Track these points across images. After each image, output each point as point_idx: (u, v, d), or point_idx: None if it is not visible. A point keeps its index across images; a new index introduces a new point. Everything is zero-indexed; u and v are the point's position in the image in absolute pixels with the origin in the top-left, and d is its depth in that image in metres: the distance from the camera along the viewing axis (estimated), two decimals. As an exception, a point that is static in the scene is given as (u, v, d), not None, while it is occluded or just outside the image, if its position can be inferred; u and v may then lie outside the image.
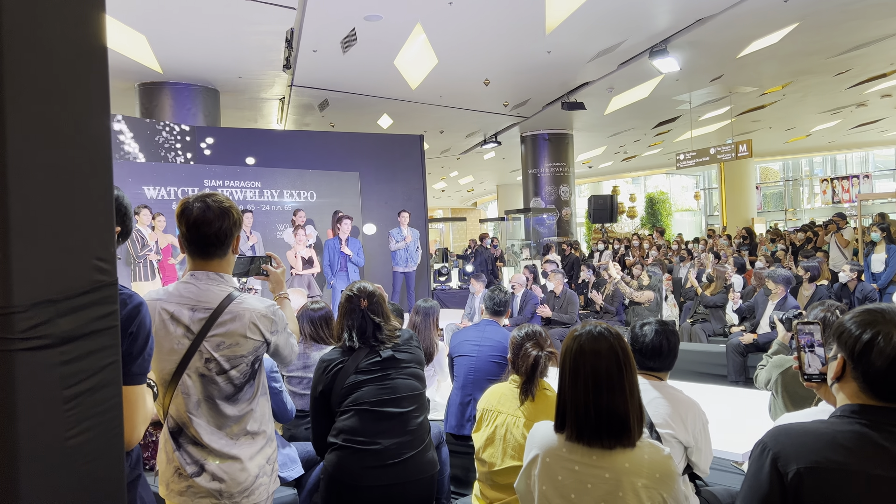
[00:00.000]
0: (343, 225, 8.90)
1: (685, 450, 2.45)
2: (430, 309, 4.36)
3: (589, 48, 9.25)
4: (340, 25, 7.93)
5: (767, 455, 1.38)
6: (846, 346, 1.39)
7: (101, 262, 1.09)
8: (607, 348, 1.82)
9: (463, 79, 10.59)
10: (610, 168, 25.20)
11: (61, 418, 1.02)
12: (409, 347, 2.68)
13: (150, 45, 8.25)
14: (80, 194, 1.07)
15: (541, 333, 2.74)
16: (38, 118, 1.01)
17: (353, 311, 2.62)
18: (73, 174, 1.06)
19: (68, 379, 1.02)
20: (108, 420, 1.08)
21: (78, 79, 1.07)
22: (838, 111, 15.58)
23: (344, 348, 2.62)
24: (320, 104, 11.69)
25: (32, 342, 0.97)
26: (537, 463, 1.88)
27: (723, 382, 6.11)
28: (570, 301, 7.63)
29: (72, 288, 1.04)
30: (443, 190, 29.36)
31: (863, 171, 24.34)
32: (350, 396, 2.53)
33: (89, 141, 1.10)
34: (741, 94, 12.97)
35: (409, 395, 2.59)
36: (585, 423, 1.79)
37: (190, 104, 10.15)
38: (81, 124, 1.08)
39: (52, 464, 1.00)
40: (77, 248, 1.06)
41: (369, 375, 2.55)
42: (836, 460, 1.31)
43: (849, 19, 8.55)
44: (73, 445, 1.03)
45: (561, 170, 15.75)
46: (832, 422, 1.39)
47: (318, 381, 2.62)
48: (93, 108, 1.11)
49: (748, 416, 4.04)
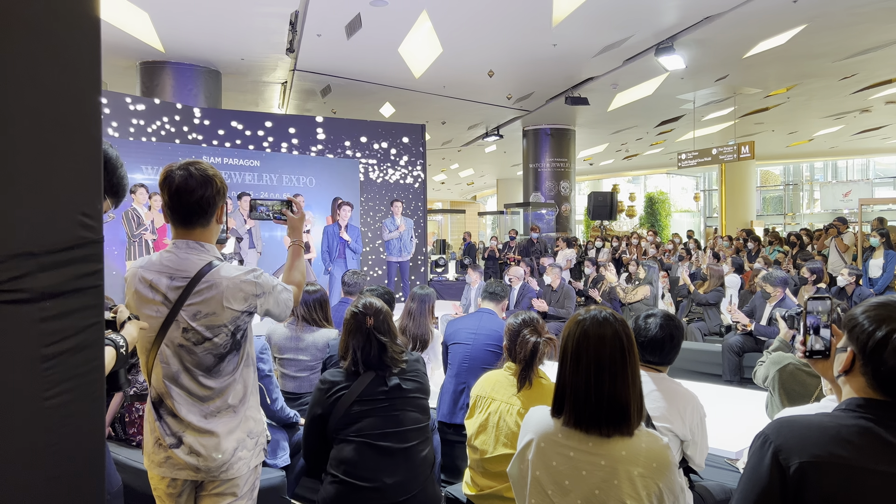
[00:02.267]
0: (342, 211, 8.85)
1: (681, 444, 2.41)
2: (426, 296, 4.32)
3: (595, 42, 9.20)
4: (346, 10, 7.86)
5: (769, 448, 1.34)
6: (857, 341, 1.35)
7: (87, 219, 1.05)
8: (612, 334, 1.77)
9: (467, 69, 10.53)
10: (611, 166, 25.16)
11: (39, 377, 0.97)
12: (415, 374, 2.54)
13: (152, 22, 8.17)
14: (67, 147, 1.02)
15: (538, 320, 2.70)
16: (23, 67, 0.97)
17: (358, 330, 2.47)
18: (60, 127, 1.02)
19: (48, 337, 0.98)
20: (88, 382, 1.04)
21: (68, 32, 1.03)
22: (842, 116, 15.55)
23: (348, 372, 2.48)
24: (322, 90, 11.62)
25: (10, 295, 0.93)
26: (531, 448, 1.84)
27: (718, 381, 6.09)
28: (566, 295, 7.59)
29: (54, 242, 0.99)
30: (443, 182, 29.29)
31: (863, 178, 24.35)
32: (352, 426, 2.40)
33: (78, 94, 1.06)
34: (745, 96, 12.92)
35: (413, 429, 2.47)
36: (584, 409, 1.75)
37: (191, 85, 10.08)
38: (70, 77, 1.04)
39: (28, 423, 0.96)
40: (62, 201, 1.01)
41: (373, 406, 2.41)
42: (840, 455, 1.27)
43: (858, 22, 8.50)
44: (51, 406, 0.99)
45: (562, 165, 15.70)
46: (836, 415, 1.35)
47: (317, 402, 2.47)
48: (82, 63, 1.07)
49: (742, 414, 4.02)
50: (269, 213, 2.27)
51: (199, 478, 1.93)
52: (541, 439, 1.83)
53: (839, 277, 7.26)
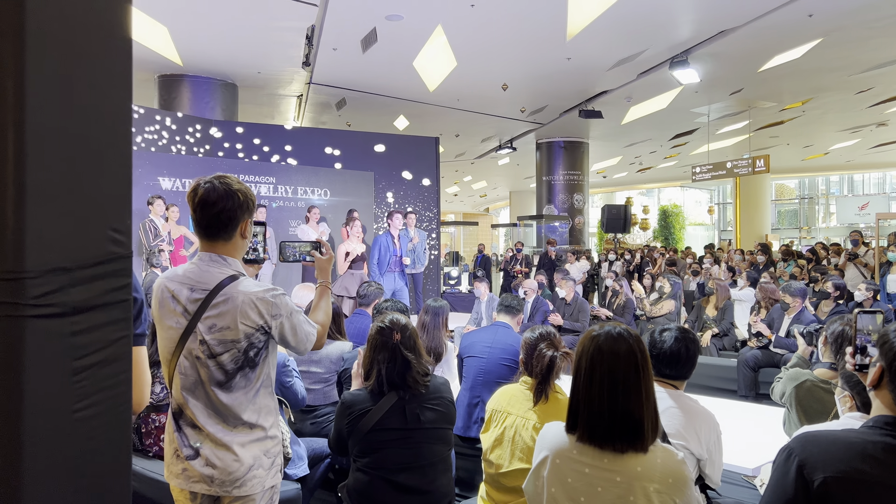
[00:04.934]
0: (395, 220, 8.15)
1: (698, 462, 2.40)
2: (439, 308, 4.32)
3: (609, 56, 9.22)
4: (361, 24, 7.94)
5: (794, 461, 1.34)
6: (886, 357, 1.35)
7: (117, 234, 1.07)
8: (626, 350, 1.77)
9: (481, 82, 10.58)
10: (624, 179, 25.12)
11: (69, 389, 0.99)
12: (438, 402, 2.49)
13: (171, 37, 8.29)
14: (98, 164, 1.05)
15: (554, 334, 2.70)
16: (59, 88, 1.00)
17: (384, 346, 2.43)
18: (92, 144, 1.05)
19: (78, 350, 1.00)
20: (116, 395, 1.06)
21: (101, 52, 1.06)
22: (858, 130, 15.45)
23: (372, 391, 2.44)
24: (338, 103, 11.71)
25: (43, 309, 0.95)
26: (547, 464, 1.84)
27: (733, 397, 6.05)
28: (580, 309, 7.57)
29: (86, 257, 1.02)
30: (455, 194, 29.35)
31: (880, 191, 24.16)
32: (369, 455, 2.37)
33: (110, 113, 1.09)
34: (760, 109, 12.88)
35: (432, 463, 2.43)
36: (598, 425, 1.75)
37: (208, 98, 10.19)
38: (102, 97, 1.07)
39: (57, 434, 0.98)
40: (93, 217, 1.04)
41: (391, 437, 2.37)
42: (866, 471, 1.27)
43: (873, 36, 8.48)
44: (80, 418, 1.01)
45: (575, 178, 15.70)
46: (863, 431, 1.35)
47: (338, 421, 2.46)
48: (114, 83, 1.10)
49: (759, 430, 3.98)
50: (297, 254, 2.29)
51: (212, 492, 1.92)
52: (556, 455, 1.83)
53: (857, 293, 7.19)
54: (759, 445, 3.55)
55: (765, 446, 3.38)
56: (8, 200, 0.94)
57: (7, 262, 0.93)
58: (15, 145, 0.95)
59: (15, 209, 0.94)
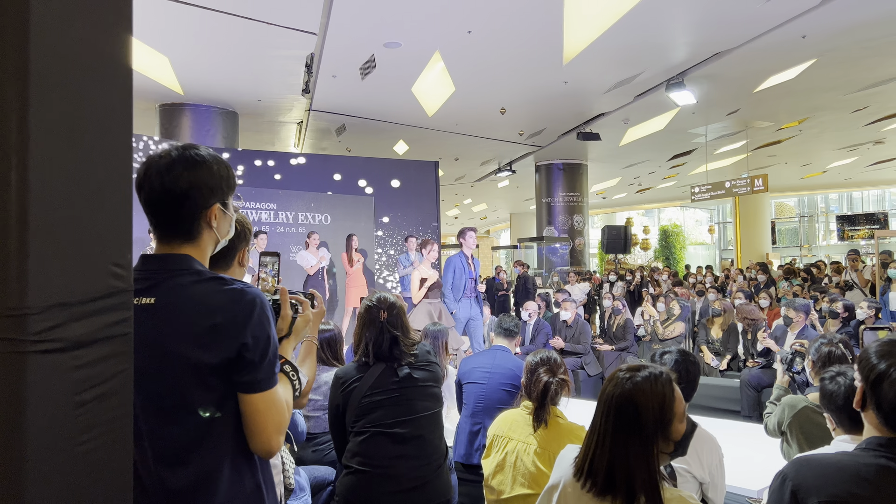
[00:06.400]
0: (468, 238, 7.09)
1: (700, 486, 2.39)
2: (438, 332, 4.32)
3: (606, 79, 9.31)
4: (360, 52, 8.04)
5: (788, 486, 1.35)
6: (863, 374, 1.37)
7: (118, 268, 1.09)
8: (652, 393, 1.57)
9: (479, 107, 10.67)
10: (624, 199, 25.19)
11: (72, 423, 1.00)
12: (426, 364, 2.61)
13: (172, 66, 8.39)
14: (99, 198, 1.07)
15: (555, 360, 2.71)
16: (61, 123, 1.02)
17: (371, 323, 2.56)
18: (93, 178, 1.07)
19: (80, 384, 1.01)
20: (117, 428, 1.07)
21: (101, 83, 1.09)
22: (855, 148, 15.53)
23: (360, 363, 2.57)
24: (337, 129, 11.81)
25: (45, 345, 0.97)
26: (558, 489, 1.82)
27: (736, 417, 6.02)
28: (582, 330, 7.56)
29: (87, 292, 1.03)
30: (456, 217, 29.43)
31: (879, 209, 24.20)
32: (365, 417, 2.48)
33: (111, 148, 1.11)
34: (757, 129, 12.96)
35: (425, 416, 2.53)
36: (604, 480, 1.60)
37: (209, 126, 10.28)
38: (103, 131, 1.09)
39: (60, 469, 0.99)
40: (93, 252, 1.06)
41: (385, 396, 2.49)
42: (858, 494, 1.27)
43: (867, 56, 8.56)
44: (81, 452, 1.02)
45: (575, 200, 15.76)
46: (856, 454, 1.36)
47: (333, 397, 2.58)
48: (115, 116, 1.12)
49: (762, 451, 3.96)
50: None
51: None
52: (569, 485, 1.78)
53: (858, 311, 7.19)
54: (763, 467, 3.53)
55: (769, 467, 3.35)
56: (11, 237, 0.96)
57: (11, 298, 0.95)
58: (18, 182, 0.97)
59: (18, 246, 0.95)
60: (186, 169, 1.44)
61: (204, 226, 1.47)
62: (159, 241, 1.48)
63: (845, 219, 24.50)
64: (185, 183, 1.42)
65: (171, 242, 1.46)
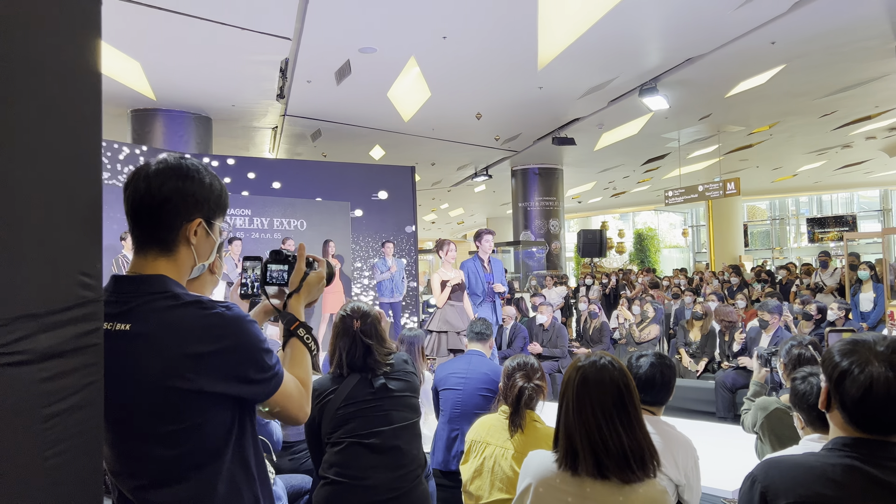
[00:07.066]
0: (484, 241, 6.75)
1: (676, 488, 2.41)
2: (414, 338, 4.31)
3: (580, 85, 9.38)
4: (335, 57, 8.01)
5: (757, 489, 1.36)
6: (827, 374, 1.39)
7: (87, 278, 1.07)
8: (611, 380, 1.80)
9: (455, 112, 10.69)
10: (599, 203, 25.39)
11: (40, 437, 0.98)
12: (402, 374, 2.58)
13: (144, 71, 8.29)
14: (67, 207, 1.05)
15: (532, 365, 2.71)
16: (27, 131, 1.00)
17: (345, 333, 2.53)
18: (61, 186, 1.05)
19: (48, 397, 0.99)
20: (86, 441, 1.05)
21: (69, 89, 1.07)
22: (824, 152, 15.83)
23: (334, 376, 2.54)
24: (313, 134, 11.75)
25: (12, 357, 0.94)
26: (530, 492, 1.84)
27: (711, 419, 6.08)
28: (559, 334, 7.60)
29: (55, 302, 1.01)
30: (433, 222, 29.43)
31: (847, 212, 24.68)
32: (341, 428, 2.45)
33: (80, 155, 1.09)
34: (729, 133, 13.15)
35: (401, 426, 2.51)
36: (583, 456, 1.76)
37: (182, 131, 10.17)
38: (72, 138, 1.07)
39: (28, 484, 0.96)
40: (62, 262, 1.03)
41: (360, 406, 2.46)
42: (826, 494, 1.29)
43: (835, 62, 8.73)
44: (51, 466, 1.00)
45: (551, 204, 15.86)
46: (823, 455, 1.38)
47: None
48: (83, 122, 1.10)
49: (737, 452, 4.00)
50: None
51: None
52: (539, 484, 1.83)
53: (829, 312, 7.31)
54: (738, 468, 3.57)
55: (744, 468, 3.39)
56: (-24, 247, 0.94)
57: (-25, 310, 0.93)
58: (-17, 192, 0.95)
59: (-17, 257, 0.93)
60: (176, 176, 1.38)
61: (182, 240, 1.40)
62: (136, 251, 1.41)
63: (815, 221, 24.92)
64: (171, 189, 1.37)
65: (147, 253, 1.39)
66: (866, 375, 1.28)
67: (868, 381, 1.28)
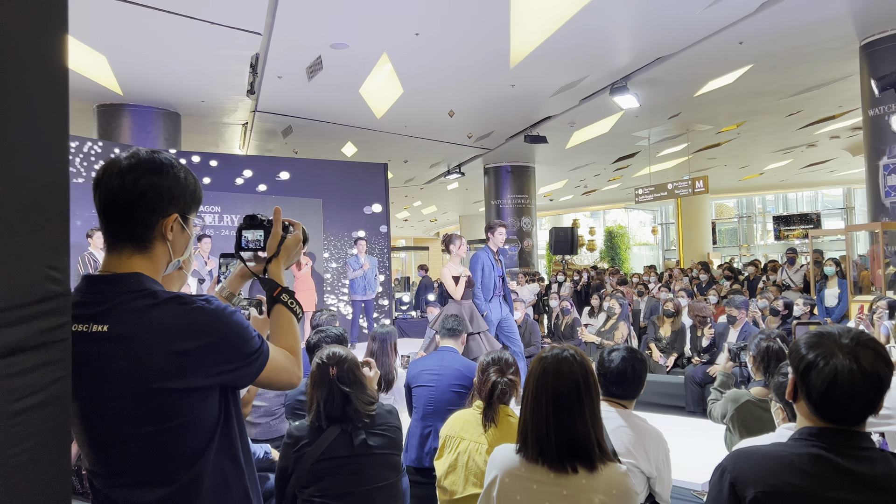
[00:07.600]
0: (497, 234, 6.42)
1: (647, 480, 2.44)
2: (386, 334, 4.29)
3: (551, 83, 9.44)
4: (306, 52, 7.94)
5: (726, 478, 1.38)
6: (793, 365, 1.41)
7: (54, 272, 1.04)
8: (569, 372, 1.82)
9: (428, 109, 10.68)
10: (570, 201, 25.57)
11: (6, 434, 0.96)
12: (386, 429, 2.44)
13: (110, 65, 8.13)
14: (33, 200, 1.03)
15: (507, 360, 2.72)
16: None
17: (321, 382, 2.38)
18: (27, 180, 1.02)
19: (14, 392, 0.97)
20: (55, 438, 1.03)
21: (35, 83, 1.04)
22: (790, 151, 16.13)
23: (312, 427, 2.39)
24: (284, 130, 11.64)
25: (-24, 352, 0.92)
26: (496, 484, 1.86)
27: (681, 413, 6.17)
28: (531, 330, 7.65)
29: (21, 296, 0.99)
30: (405, 219, 29.37)
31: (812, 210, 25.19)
32: (314, 485, 2.31)
33: (46, 150, 1.06)
34: (698, 132, 13.34)
35: (378, 487, 2.37)
36: (545, 446, 1.79)
37: (150, 127, 10.01)
38: (37, 131, 1.05)
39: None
40: (28, 255, 1.01)
41: (337, 463, 2.32)
42: (794, 483, 1.32)
43: (800, 62, 8.91)
44: (17, 464, 0.97)
45: (523, 202, 15.94)
46: (790, 444, 1.40)
47: (283, 456, 2.41)
48: (49, 116, 1.07)
49: (707, 445, 4.07)
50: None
51: None
52: (504, 475, 1.86)
53: (795, 307, 7.45)
54: (708, 460, 3.62)
55: (712, 462, 3.44)
56: (-62, 240, 0.91)
57: (-63, 304, 0.90)
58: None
59: (-55, 249, 0.91)
60: (150, 171, 1.34)
61: (158, 236, 1.36)
62: (108, 249, 1.36)
63: (781, 219, 25.38)
64: (145, 185, 1.32)
65: (122, 251, 1.34)
66: (831, 368, 1.31)
67: (833, 374, 1.31)
